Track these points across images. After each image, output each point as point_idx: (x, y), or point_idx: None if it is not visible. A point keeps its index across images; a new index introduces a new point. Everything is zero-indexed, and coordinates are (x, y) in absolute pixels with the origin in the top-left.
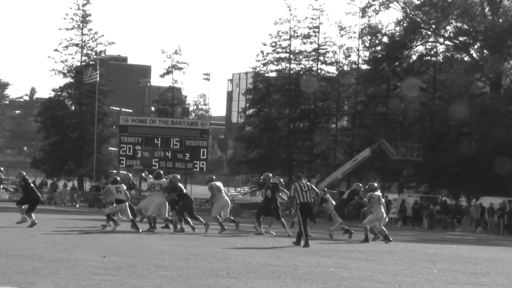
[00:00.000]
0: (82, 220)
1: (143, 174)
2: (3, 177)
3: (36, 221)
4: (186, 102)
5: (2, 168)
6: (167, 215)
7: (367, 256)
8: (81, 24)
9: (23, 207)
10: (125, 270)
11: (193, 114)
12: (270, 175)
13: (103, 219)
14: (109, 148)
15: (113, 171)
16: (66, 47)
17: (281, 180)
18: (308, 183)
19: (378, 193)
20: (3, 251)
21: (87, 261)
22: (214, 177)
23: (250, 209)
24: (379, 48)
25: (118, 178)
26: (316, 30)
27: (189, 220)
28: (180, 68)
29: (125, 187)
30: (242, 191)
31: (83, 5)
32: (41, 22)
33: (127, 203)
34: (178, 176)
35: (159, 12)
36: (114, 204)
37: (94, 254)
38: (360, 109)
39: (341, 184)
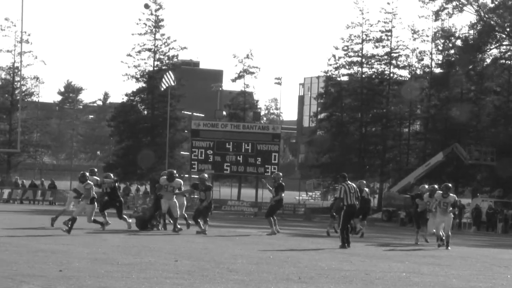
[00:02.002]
0: None
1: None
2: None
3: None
4: (258, 107)
5: (96, 169)
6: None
7: (440, 261)
8: (153, 29)
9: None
10: (196, 274)
11: (265, 119)
12: (206, 176)
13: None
14: (181, 153)
15: (185, 175)
16: (139, 52)
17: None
18: (354, 185)
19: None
20: (76, 255)
21: (159, 265)
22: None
23: (321, 213)
24: (452, 51)
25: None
26: (389, 33)
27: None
28: (252, 73)
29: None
30: (313, 195)
31: (156, 10)
32: (114, 28)
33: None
34: (206, 175)
35: (230, 17)
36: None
37: (166, 258)
38: (433, 113)
39: (414, 189)
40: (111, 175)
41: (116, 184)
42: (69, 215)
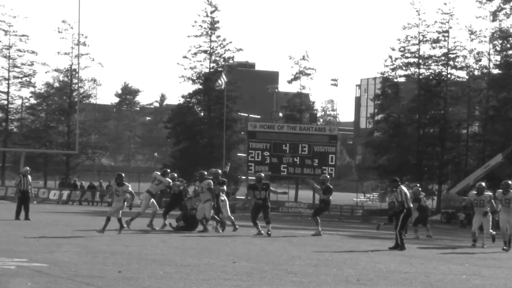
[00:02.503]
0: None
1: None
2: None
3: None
4: (314, 108)
5: (169, 170)
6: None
7: (501, 264)
8: (209, 31)
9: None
10: (255, 276)
11: (321, 120)
12: (262, 175)
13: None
14: (238, 154)
15: (243, 177)
16: (195, 54)
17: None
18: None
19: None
20: (135, 256)
21: (218, 266)
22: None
23: (379, 215)
24: (510, 52)
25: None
26: (446, 34)
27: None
28: (308, 74)
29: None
30: (371, 197)
31: (211, 12)
32: (170, 30)
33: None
34: (263, 174)
35: (286, 18)
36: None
37: (224, 260)
38: (492, 114)
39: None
40: (175, 174)
41: (184, 187)
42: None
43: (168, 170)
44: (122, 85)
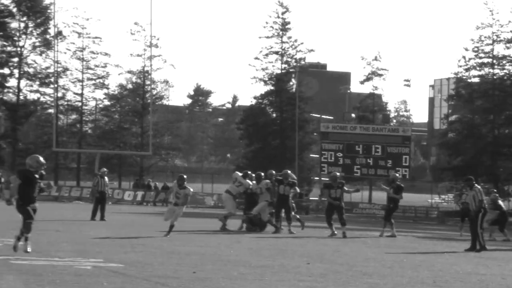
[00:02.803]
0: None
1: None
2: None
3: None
4: (387, 109)
5: (249, 172)
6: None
7: None
8: (280, 32)
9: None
10: (330, 277)
11: (394, 121)
12: (338, 174)
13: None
14: (311, 155)
15: (315, 178)
16: (267, 55)
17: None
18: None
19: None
20: (209, 257)
21: (292, 267)
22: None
23: (455, 216)
24: None
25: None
26: None
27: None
28: (380, 75)
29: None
30: (446, 198)
31: (283, 13)
32: (242, 31)
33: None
34: (338, 174)
35: (358, 18)
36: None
37: (298, 261)
38: None
39: None
40: (249, 172)
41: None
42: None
43: (249, 172)
44: (194, 87)
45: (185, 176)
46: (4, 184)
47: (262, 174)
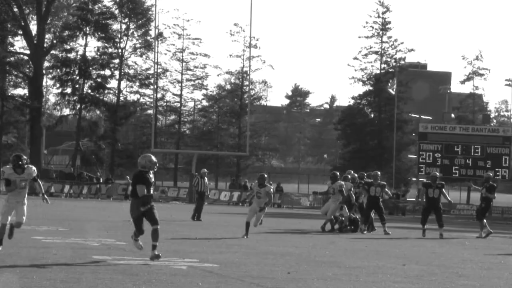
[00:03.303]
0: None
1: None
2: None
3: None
4: (487, 109)
5: (352, 171)
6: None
7: None
8: (380, 32)
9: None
10: (425, 279)
11: (495, 121)
12: (438, 174)
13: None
14: (409, 156)
15: (413, 179)
16: (366, 55)
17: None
18: None
19: None
20: (304, 257)
21: (387, 268)
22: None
23: None
24: None
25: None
26: None
27: None
28: (481, 74)
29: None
30: None
31: (383, 13)
32: (340, 31)
33: None
34: (438, 174)
35: (459, 17)
36: None
37: (393, 262)
38: None
39: None
40: (355, 174)
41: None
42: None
43: (352, 171)
44: (292, 87)
45: (266, 175)
46: (104, 183)
47: (338, 173)
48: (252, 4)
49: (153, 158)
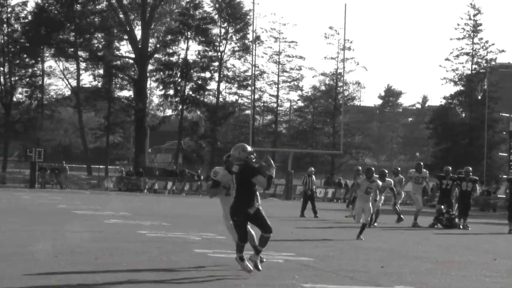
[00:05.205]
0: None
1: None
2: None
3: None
4: None
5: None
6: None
7: None
8: (472, 34)
9: None
10: None
11: None
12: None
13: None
14: (499, 154)
15: (504, 176)
16: (457, 56)
17: None
18: None
19: None
20: (396, 252)
21: (478, 263)
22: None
23: None
24: None
25: None
26: None
27: None
28: None
29: None
30: None
31: (474, 15)
32: (432, 33)
33: None
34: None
35: None
36: None
37: (484, 257)
38: None
39: None
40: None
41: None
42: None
43: (449, 168)
44: (385, 88)
45: (373, 169)
46: (204, 180)
47: (386, 171)
48: (346, 8)
49: (247, 146)
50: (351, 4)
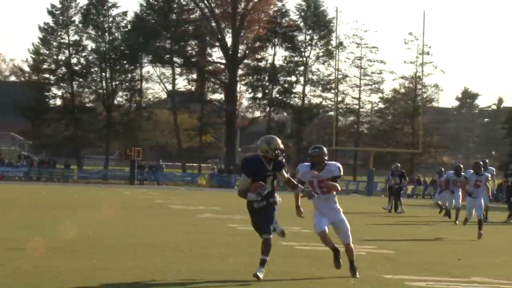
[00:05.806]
0: None
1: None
2: None
3: None
4: None
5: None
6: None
7: None
8: None
9: None
10: None
11: None
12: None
13: None
14: None
15: None
16: None
17: None
18: None
19: None
20: (474, 246)
21: None
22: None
23: None
24: None
25: None
26: None
27: None
28: None
29: None
30: None
31: None
32: (508, 36)
33: None
34: None
35: None
36: None
37: None
38: None
39: None
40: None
41: None
42: None
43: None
44: (462, 90)
45: (481, 162)
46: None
47: (462, 166)
48: (425, 15)
49: (275, 139)
50: (430, 11)
